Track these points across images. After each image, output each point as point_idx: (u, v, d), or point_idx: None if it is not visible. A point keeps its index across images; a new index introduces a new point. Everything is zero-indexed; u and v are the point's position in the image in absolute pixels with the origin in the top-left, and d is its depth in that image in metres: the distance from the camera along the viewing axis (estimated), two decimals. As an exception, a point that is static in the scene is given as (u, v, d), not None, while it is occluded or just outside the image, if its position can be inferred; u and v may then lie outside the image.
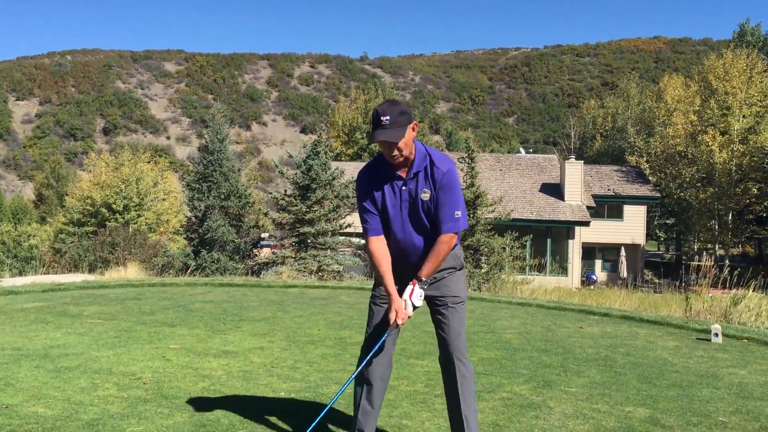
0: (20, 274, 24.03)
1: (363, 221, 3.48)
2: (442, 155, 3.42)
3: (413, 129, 3.33)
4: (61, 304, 8.79)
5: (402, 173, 3.39)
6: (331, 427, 3.99)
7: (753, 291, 10.38)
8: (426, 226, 3.40)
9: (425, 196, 3.35)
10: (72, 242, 33.21)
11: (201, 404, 4.26)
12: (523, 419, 4.19)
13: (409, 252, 3.47)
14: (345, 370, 5.38)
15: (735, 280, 11.35)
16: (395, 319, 3.35)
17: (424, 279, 3.38)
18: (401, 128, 3.27)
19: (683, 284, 23.00)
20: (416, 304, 3.40)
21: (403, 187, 3.38)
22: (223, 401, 4.36)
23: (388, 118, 3.25)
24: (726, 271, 11.89)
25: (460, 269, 3.57)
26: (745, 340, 7.51)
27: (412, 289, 3.39)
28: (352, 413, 4.20)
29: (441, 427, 3.96)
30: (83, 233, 36.90)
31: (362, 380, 3.57)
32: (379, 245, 3.45)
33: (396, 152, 3.30)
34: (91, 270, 21.94)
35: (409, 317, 3.39)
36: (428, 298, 3.52)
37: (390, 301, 3.38)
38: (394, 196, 3.40)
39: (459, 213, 3.35)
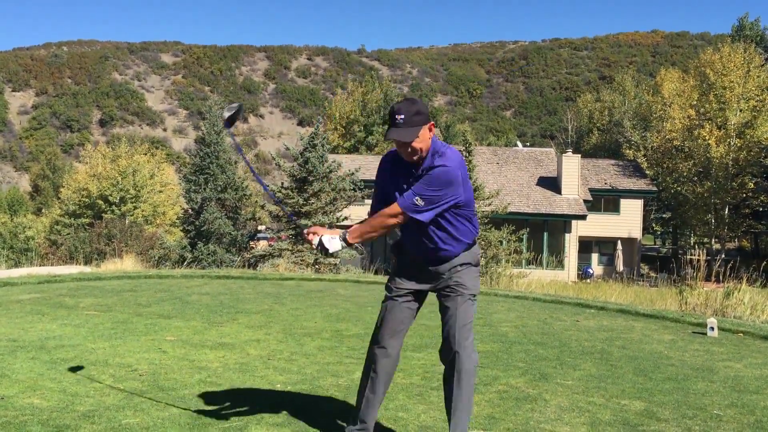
0: (16, 265, 23.99)
1: (372, 200, 3.62)
2: (448, 154, 3.37)
3: (430, 129, 3.31)
4: (57, 296, 8.78)
5: (416, 168, 3.40)
6: (332, 419, 3.98)
7: (746, 284, 10.40)
8: (434, 222, 3.40)
9: None
10: (68, 234, 33.17)
11: (197, 396, 4.26)
12: (519, 412, 4.20)
13: (419, 246, 3.48)
14: (341, 362, 5.38)
15: (729, 273, 11.38)
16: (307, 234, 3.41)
17: (347, 237, 3.36)
18: (415, 128, 3.25)
19: (678, 278, 23.05)
20: (327, 245, 3.36)
21: (412, 182, 3.37)
22: (219, 393, 4.36)
23: (402, 117, 3.24)
24: (718, 264, 11.91)
25: (476, 266, 3.57)
26: (741, 334, 7.53)
27: (330, 237, 3.37)
28: (350, 404, 4.20)
29: (437, 419, 3.97)
30: (79, 225, 36.85)
31: (368, 371, 3.58)
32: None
33: (409, 150, 3.28)
34: (88, 262, 21.92)
35: (313, 247, 3.41)
36: (439, 289, 3.51)
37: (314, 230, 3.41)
38: (405, 190, 3.40)
39: (421, 202, 3.28)
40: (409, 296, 3.55)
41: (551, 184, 35.36)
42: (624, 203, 37.76)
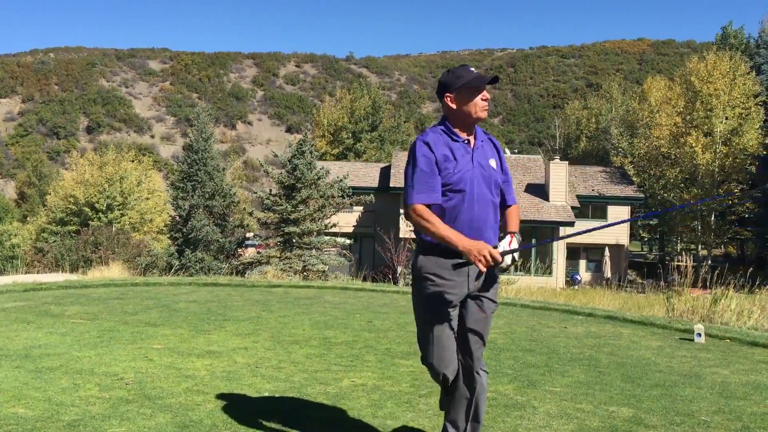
0: (1, 273, 23.79)
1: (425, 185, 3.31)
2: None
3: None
4: (43, 304, 8.70)
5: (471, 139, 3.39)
6: (320, 427, 3.96)
7: (732, 290, 10.44)
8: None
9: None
10: (54, 241, 32.96)
11: (184, 405, 4.23)
12: (507, 419, 4.19)
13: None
14: (329, 370, 5.36)
15: (716, 279, 11.42)
16: (483, 264, 3.03)
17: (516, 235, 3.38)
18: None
19: (666, 284, 23.16)
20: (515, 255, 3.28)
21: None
22: (207, 402, 4.33)
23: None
24: (704, 270, 11.98)
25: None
26: (728, 340, 7.57)
27: (511, 240, 3.31)
28: (338, 411, 4.18)
29: (426, 427, 3.96)
30: (66, 232, 36.62)
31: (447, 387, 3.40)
32: None
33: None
34: (74, 269, 21.77)
35: (501, 268, 3.22)
36: (471, 296, 3.32)
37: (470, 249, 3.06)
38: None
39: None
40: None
41: (539, 190, 35.48)
42: (611, 210, 37.95)
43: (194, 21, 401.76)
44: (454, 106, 3.30)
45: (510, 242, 3.28)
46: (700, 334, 7.43)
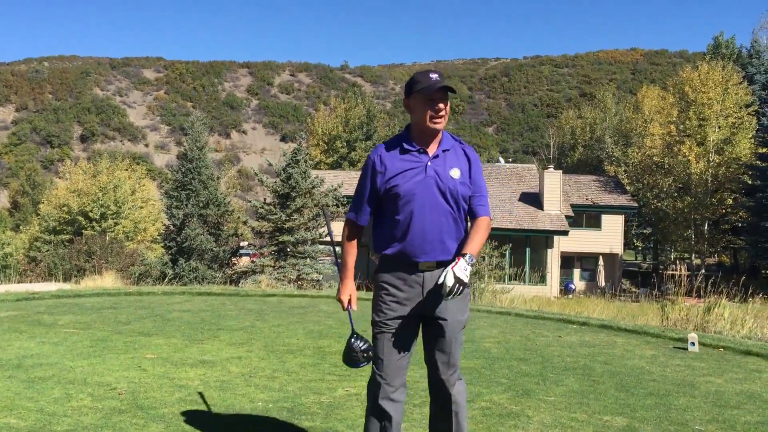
0: (-6, 282, 23.67)
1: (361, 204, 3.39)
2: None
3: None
4: (36, 313, 8.66)
5: (431, 148, 3.21)
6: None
7: (726, 299, 10.46)
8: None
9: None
10: (47, 250, 32.83)
11: (177, 415, 4.21)
12: (501, 428, 4.18)
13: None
14: (323, 379, 5.34)
15: (709, 288, 11.45)
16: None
17: (473, 255, 3.05)
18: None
19: (660, 293, 23.20)
20: (464, 278, 2.98)
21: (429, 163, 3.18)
22: (200, 412, 4.31)
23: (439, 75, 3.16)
24: (697, 279, 12.02)
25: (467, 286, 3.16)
26: (721, 349, 7.57)
27: (463, 269, 2.99)
28: (331, 421, 4.16)
29: (419, 436, 3.95)
30: (59, 241, 36.47)
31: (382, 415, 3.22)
32: None
33: (445, 111, 3.13)
34: (67, 278, 21.68)
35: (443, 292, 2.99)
36: (427, 317, 3.21)
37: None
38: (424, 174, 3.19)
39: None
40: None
41: (533, 200, 35.53)
42: (605, 219, 38.01)
43: (189, 30, 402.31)
44: (411, 113, 3.21)
45: (455, 264, 3.00)
46: (693, 343, 7.44)
